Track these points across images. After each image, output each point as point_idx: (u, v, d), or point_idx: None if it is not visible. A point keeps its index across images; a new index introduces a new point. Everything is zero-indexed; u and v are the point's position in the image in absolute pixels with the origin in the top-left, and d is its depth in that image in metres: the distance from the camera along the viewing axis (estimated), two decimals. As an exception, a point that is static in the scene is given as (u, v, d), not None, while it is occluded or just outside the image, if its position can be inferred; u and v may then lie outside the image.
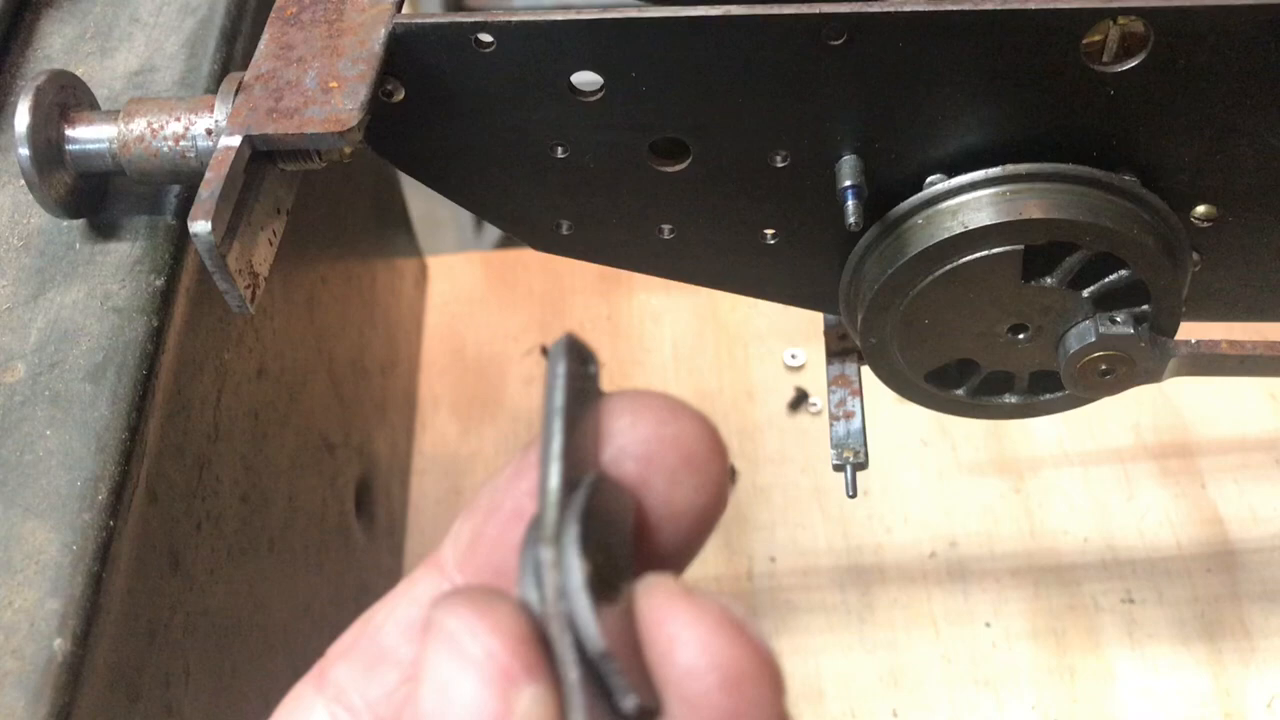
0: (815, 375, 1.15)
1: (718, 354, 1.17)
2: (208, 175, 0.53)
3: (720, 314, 1.20)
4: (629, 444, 0.35)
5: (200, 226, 0.51)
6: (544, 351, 1.18)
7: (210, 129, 0.57)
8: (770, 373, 1.15)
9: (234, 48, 0.69)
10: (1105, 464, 1.09)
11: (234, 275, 0.53)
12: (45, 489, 0.52)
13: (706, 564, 1.04)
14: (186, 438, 0.61)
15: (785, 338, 1.16)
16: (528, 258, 1.24)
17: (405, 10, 0.60)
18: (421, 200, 1.06)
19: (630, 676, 0.31)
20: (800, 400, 1.12)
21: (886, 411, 1.01)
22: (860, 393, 0.74)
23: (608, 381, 1.30)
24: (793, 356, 1.15)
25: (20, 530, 0.51)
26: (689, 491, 0.35)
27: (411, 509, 1.07)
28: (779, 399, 1.14)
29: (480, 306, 1.22)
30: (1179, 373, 0.67)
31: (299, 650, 0.76)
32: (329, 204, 0.89)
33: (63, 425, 0.54)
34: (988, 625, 1.01)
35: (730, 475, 1.09)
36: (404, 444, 1.07)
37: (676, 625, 0.32)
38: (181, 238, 0.61)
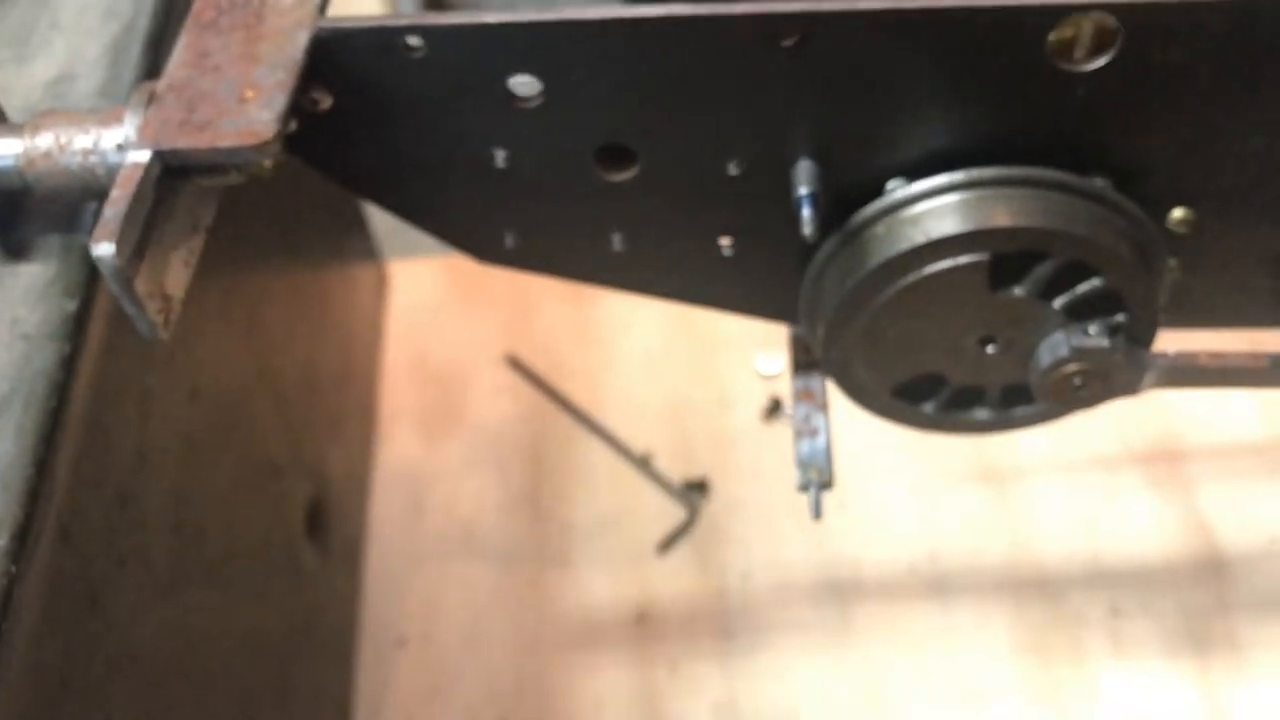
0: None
1: (690, 361, 1.14)
2: (113, 194, 0.49)
3: (692, 321, 1.16)
4: None
5: (104, 249, 0.48)
6: (510, 361, 1.14)
7: (121, 143, 0.53)
8: (744, 380, 1.12)
9: (160, 53, 0.65)
10: (1091, 470, 1.06)
11: (143, 299, 0.50)
12: (-60, 533, 0.48)
13: (679, 581, 1.01)
14: (105, 470, 0.57)
15: (759, 344, 1.12)
16: (495, 263, 1.20)
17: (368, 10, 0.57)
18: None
19: None
20: (775, 409, 1.09)
21: (862, 417, 0.98)
22: (826, 408, 0.70)
23: (577, 391, 1.24)
24: (766, 364, 1.12)
25: (-88, 579, 0.47)
26: None
27: (371, 528, 1.03)
28: (753, 408, 1.10)
29: (444, 313, 1.19)
30: (1158, 385, 0.63)
31: (243, 687, 0.73)
32: (274, 206, 0.86)
33: (-38, 463, 0.50)
34: (970, 641, 0.97)
35: (702, 487, 1.06)
36: (361, 460, 1.04)
37: None
38: (97, 257, 0.57)
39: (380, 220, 1.14)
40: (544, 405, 1.11)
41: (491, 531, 1.04)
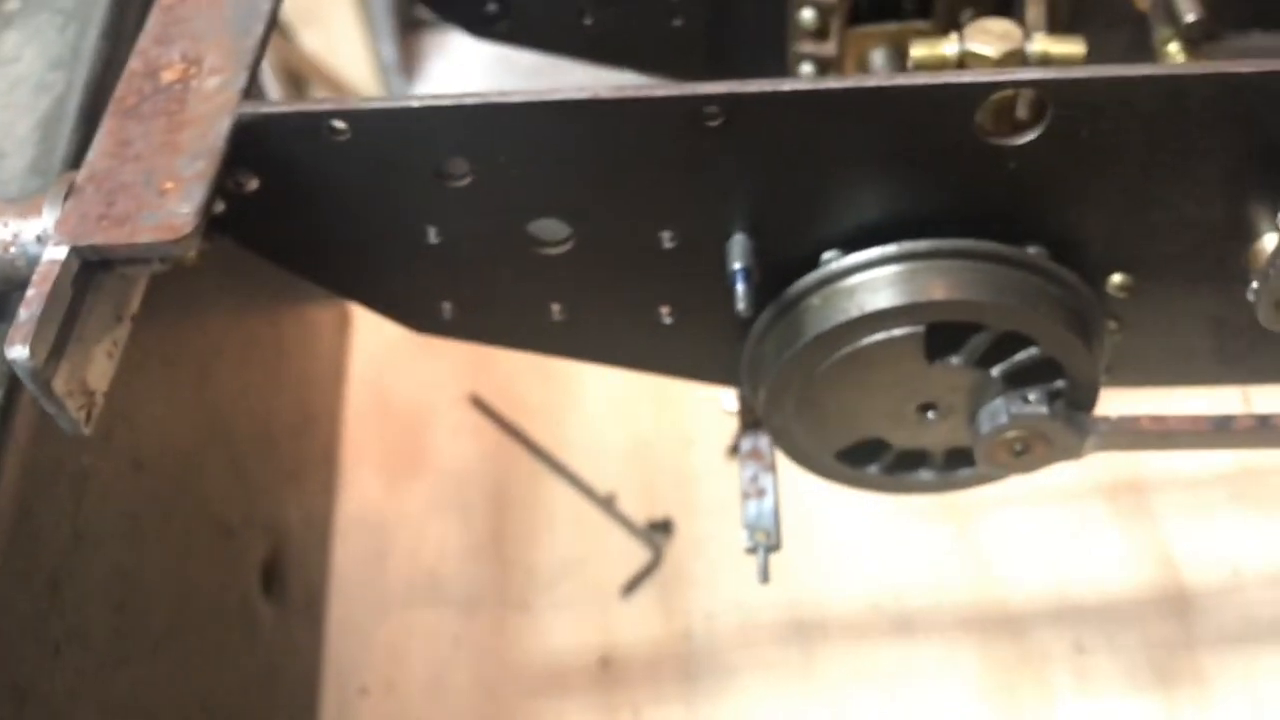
0: (755, 417, 1.11)
1: (654, 399, 1.13)
2: (29, 293, 0.49)
3: (657, 355, 1.16)
4: None
5: (18, 352, 0.47)
6: (474, 401, 1.14)
7: (40, 235, 0.53)
8: (709, 417, 1.11)
9: (93, 128, 0.64)
10: (1055, 502, 1.05)
11: (62, 398, 0.49)
12: None
13: (643, 624, 1.01)
14: (35, 558, 0.57)
15: (723, 379, 1.12)
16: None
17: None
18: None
19: None
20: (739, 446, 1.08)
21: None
22: (774, 468, 0.70)
23: (540, 430, 1.23)
24: (731, 399, 1.11)
25: None
26: None
27: (334, 575, 1.03)
28: (718, 445, 1.10)
29: (407, 353, 1.18)
30: (1100, 449, 0.63)
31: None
32: (222, 256, 0.85)
33: (-121, 567, 0.50)
34: (934, 678, 0.97)
35: (666, 527, 1.06)
36: (322, 507, 1.03)
37: None
38: (24, 345, 0.56)
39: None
40: (507, 445, 1.10)
41: (454, 576, 1.04)
